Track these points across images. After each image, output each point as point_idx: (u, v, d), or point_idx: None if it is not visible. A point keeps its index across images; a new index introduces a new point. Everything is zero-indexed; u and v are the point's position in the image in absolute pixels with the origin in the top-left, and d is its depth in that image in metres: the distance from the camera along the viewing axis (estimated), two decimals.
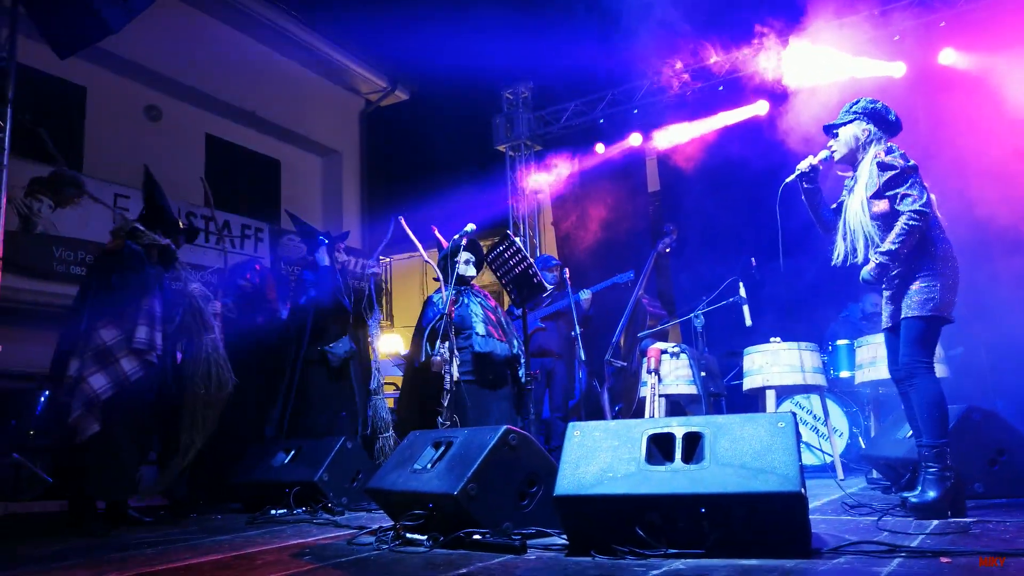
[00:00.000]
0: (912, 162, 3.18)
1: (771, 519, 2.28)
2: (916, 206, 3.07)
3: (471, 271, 4.93)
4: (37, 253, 7.17)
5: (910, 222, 3.07)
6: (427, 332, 4.63)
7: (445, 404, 4.35)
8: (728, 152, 8.12)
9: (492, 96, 9.91)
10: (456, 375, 4.26)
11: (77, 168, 8.30)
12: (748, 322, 5.21)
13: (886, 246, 3.13)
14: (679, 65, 8.28)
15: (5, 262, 5.06)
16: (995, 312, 5.47)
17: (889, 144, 3.25)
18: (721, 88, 8.14)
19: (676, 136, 8.47)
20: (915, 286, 3.14)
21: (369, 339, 5.08)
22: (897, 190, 3.13)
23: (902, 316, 3.17)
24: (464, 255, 4.85)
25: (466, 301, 4.83)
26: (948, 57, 6.83)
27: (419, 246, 4.77)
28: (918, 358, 3.13)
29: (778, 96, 7.86)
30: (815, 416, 5.72)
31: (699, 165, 8.33)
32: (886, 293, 3.30)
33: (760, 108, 7.97)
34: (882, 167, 3.17)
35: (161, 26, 8.43)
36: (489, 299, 5.00)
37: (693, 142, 8.39)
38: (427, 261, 4.80)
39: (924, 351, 3.13)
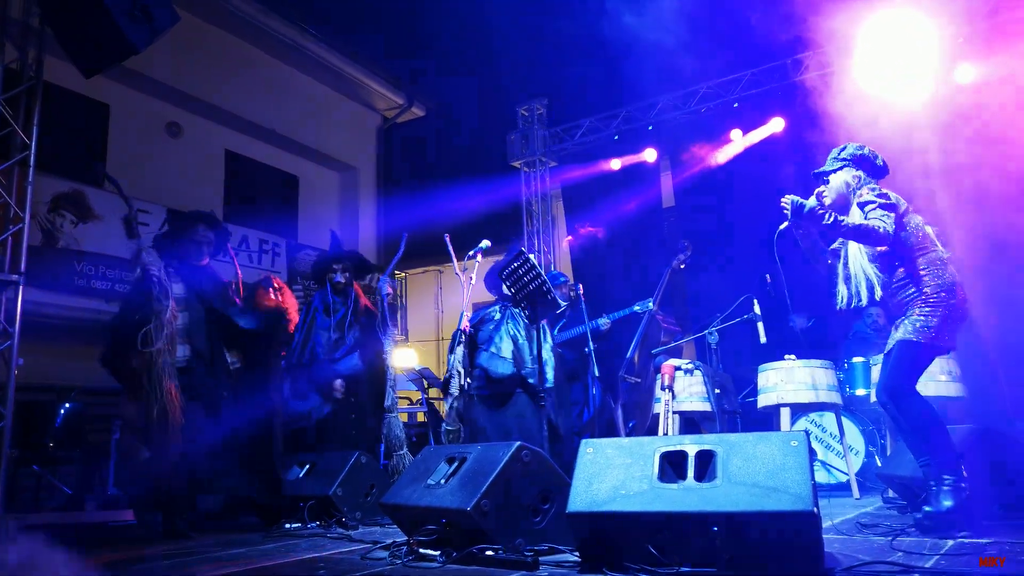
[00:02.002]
0: (893, 202, 3.23)
1: (784, 538, 2.28)
2: (884, 228, 3.11)
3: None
4: (59, 268, 7.29)
5: (875, 226, 3.11)
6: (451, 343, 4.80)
7: (448, 409, 4.51)
8: (743, 168, 8.14)
9: (507, 113, 10.01)
10: (456, 389, 4.39)
11: (98, 184, 8.45)
12: (763, 339, 5.20)
13: (840, 217, 3.18)
14: (694, 82, 8.32)
15: (28, 276, 5.16)
16: (1012, 333, 5.43)
17: (873, 185, 3.32)
18: (736, 105, 8.16)
19: (691, 152, 8.51)
20: (916, 313, 3.18)
21: (383, 356, 5.08)
22: (872, 211, 3.19)
23: (897, 338, 3.20)
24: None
25: (497, 318, 4.90)
26: (966, 73, 6.82)
27: (455, 263, 4.73)
28: (902, 380, 3.14)
29: (794, 113, 7.89)
30: (831, 434, 5.68)
31: (714, 181, 8.35)
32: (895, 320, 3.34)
33: (776, 125, 7.99)
34: (861, 206, 3.25)
35: (183, 45, 8.59)
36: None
37: (708, 158, 8.42)
38: (457, 274, 4.84)
39: (910, 375, 3.16)
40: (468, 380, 4.51)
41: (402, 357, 8.78)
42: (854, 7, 6.85)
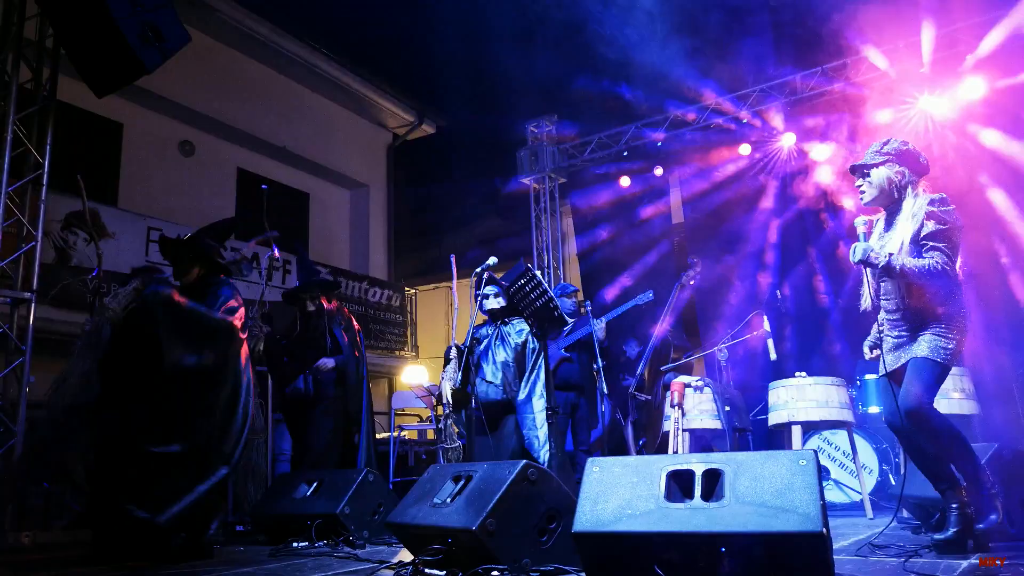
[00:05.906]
0: (959, 223, 3.13)
1: (792, 559, 2.23)
2: (942, 266, 3.04)
3: (493, 304, 4.81)
4: (71, 285, 7.33)
5: (937, 266, 3.03)
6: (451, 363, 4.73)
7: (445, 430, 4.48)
8: (753, 183, 8.13)
9: (517, 129, 10.03)
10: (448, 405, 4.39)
11: (112, 203, 8.52)
12: (773, 356, 5.16)
13: (908, 261, 3.06)
14: (703, 98, 8.33)
15: (40, 294, 5.20)
16: None
17: (942, 195, 3.16)
18: (745, 121, 8.16)
19: (700, 168, 8.50)
20: (931, 333, 3.10)
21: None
22: (938, 244, 3.08)
23: (913, 356, 3.11)
24: (488, 288, 4.76)
25: (485, 341, 4.74)
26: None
27: (454, 283, 4.76)
28: (929, 400, 3.05)
29: (803, 129, 7.88)
30: (843, 452, 5.61)
31: (724, 196, 8.32)
32: (892, 340, 3.25)
33: (788, 140, 7.98)
34: (935, 218, 3.10)
35: (196, 64, 8.68)
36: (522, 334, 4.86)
37: (718, 173, 8.40)
38: (453, 293, 4.83)
39: (933, 394, 3.07)
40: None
41: (412, 374, 8.75)
42: (867, 25, 6.86)
